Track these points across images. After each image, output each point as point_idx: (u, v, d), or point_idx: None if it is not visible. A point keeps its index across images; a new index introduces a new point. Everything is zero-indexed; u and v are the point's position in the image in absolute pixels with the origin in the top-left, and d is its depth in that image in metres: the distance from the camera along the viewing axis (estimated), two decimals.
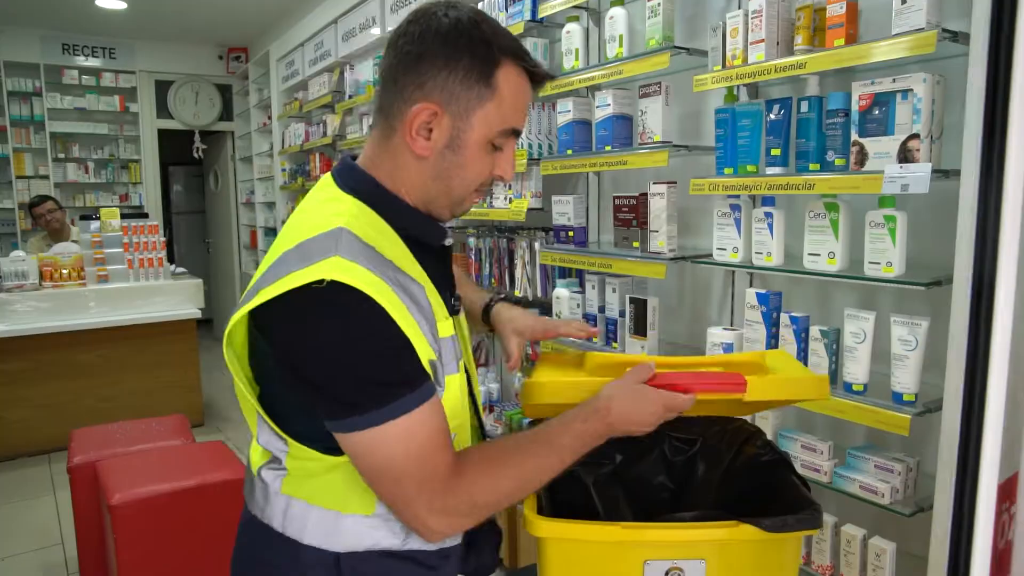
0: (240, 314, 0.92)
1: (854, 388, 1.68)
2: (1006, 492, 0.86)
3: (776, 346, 1.86)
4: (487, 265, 3.15)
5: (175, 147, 7.83)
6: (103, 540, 2.84)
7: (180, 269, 5.54)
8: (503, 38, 0.96)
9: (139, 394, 4.81)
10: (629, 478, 1.47)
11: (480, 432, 1.18)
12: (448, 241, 1.10)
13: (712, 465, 1.41)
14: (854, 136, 1.62)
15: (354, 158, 1.05)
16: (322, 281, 0.84)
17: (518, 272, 2.96)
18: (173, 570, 2.53)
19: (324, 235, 0.90)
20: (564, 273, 2.73)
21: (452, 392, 1.00)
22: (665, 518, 1.39)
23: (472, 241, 3.23)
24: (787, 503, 1.19)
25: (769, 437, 1.90)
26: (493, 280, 3.12)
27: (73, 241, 5.11)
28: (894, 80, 1.53)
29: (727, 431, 1.38)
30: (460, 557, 1.12)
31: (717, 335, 2.00)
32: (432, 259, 1.04)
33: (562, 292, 2.59)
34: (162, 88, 7.35)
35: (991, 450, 0.76)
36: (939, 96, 1.53)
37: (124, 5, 5.80)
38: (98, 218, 4.96)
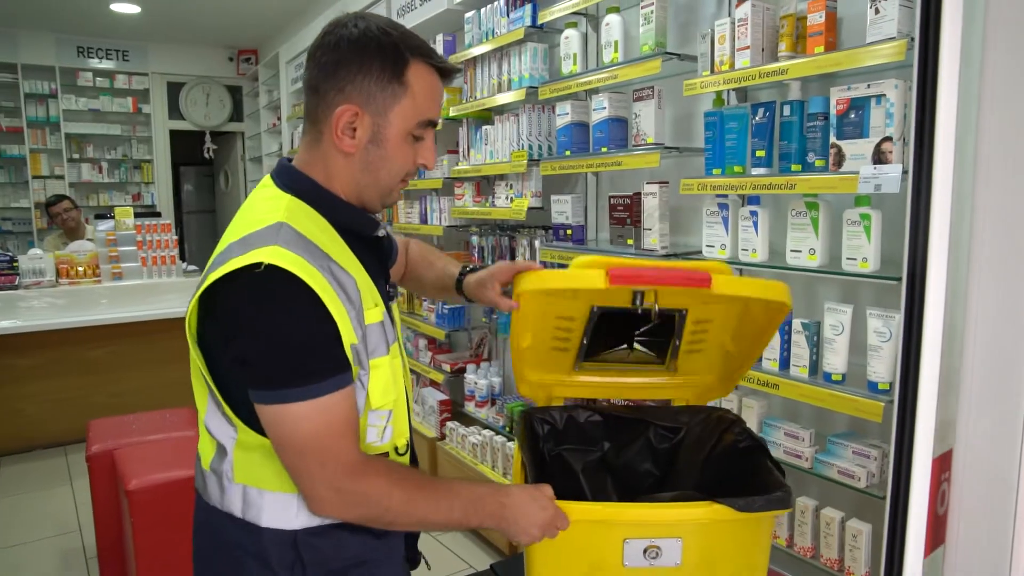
0: (193, 301, 1.01)
1: (833, 378, 1.77)
2: (942, 465, 0.95)
3: None
4: (490, 261, 3.25)
5: (186, 147, 7.97)
6: (120, 525, 2.95)
7: (192, 267, 5.66)
8: (410, 40, 1.05)
9: (150, 389, 4.91)
10: (616, 465, 1.55)
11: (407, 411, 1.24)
12: (381, 232, 1.18)
13: (694, 452, 1.48)
14: (832, 139, 1.71)
15: (290, 160, 1.13)
16: (260, 265, 0.93)
17: None
18: (187, 553, 2.63)
19: (266, 228, 0.99)
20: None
21: (382, 372, 1.08)
22: (643, 498, 1.45)
23: (475, 239, 3.33)
24: (762, 486, 1.26)
25: (755, 424, 2.00)
26: None
27: (88, 239, 5.23)
28: (868, 86, 1.63)
29: (709, 420, 1.47)
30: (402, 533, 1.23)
31: None
32: (366, 250, 1.13)
33: None
34: (174, 90, 7.49)
35: (924, 426, 0.85)
36: (910, 101, 1.62)
37: (138, 9, 5.93)
38: (112, 217, 5.09)
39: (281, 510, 1.07)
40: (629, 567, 1.23)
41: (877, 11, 1.59)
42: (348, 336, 0.99)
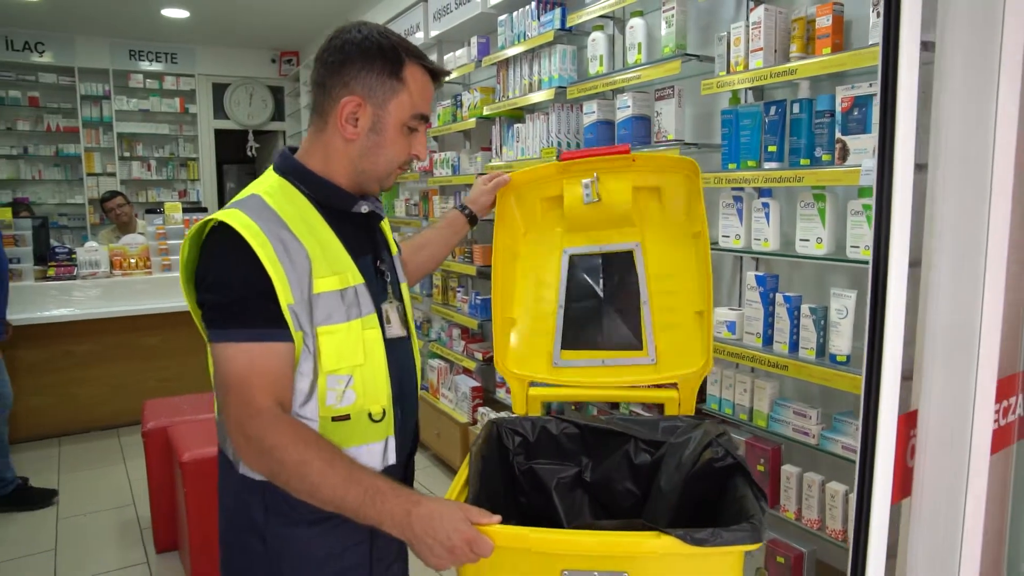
0: (181, 257, 1.20)
1: (838, 359, 1.89)
2: (908, 423, 1.08)
3: (772, 324, 2.07)
4: None
5: (229, 146, 8.27)
6: (173, 496, 3.16)
7: None
8: (406, 44, 1.21)
9: (197, 374, 5.16)
10: (593, 482, 1.49)
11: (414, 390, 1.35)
12: (363, 208, 1.27)
13: (675, 469, 1.41)
14: (838, 134, 1.83)
15: (292, 150, 1.27)
16: (214, 221, 1.11)
17: None
18: None
19: (243, 198, 1.17)
20: None
21: (336, 338, 1.16)
22: (583, 524, 1.37)
23: None
24: (735, 512, 1.17)
25: (766, 405, 2.11)
26: None
27: (139, 233, 5.51)
28: (871, 84, 1.74)
29: (691, 437, 1.41)
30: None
31: (722, 314, 2.22)
32: (350, 226, 1.25)
33: None
34: (219, 90, 7.77)
35: (889, 388, 0.98)
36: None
37: (187, 14, 6.21)
38: (162, 212, 5.36)
39: None
40: None
41: (879, 14, 1.70)
42: (284, 296, 1.10)
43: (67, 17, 6.33)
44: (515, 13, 3.25)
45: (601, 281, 1.64)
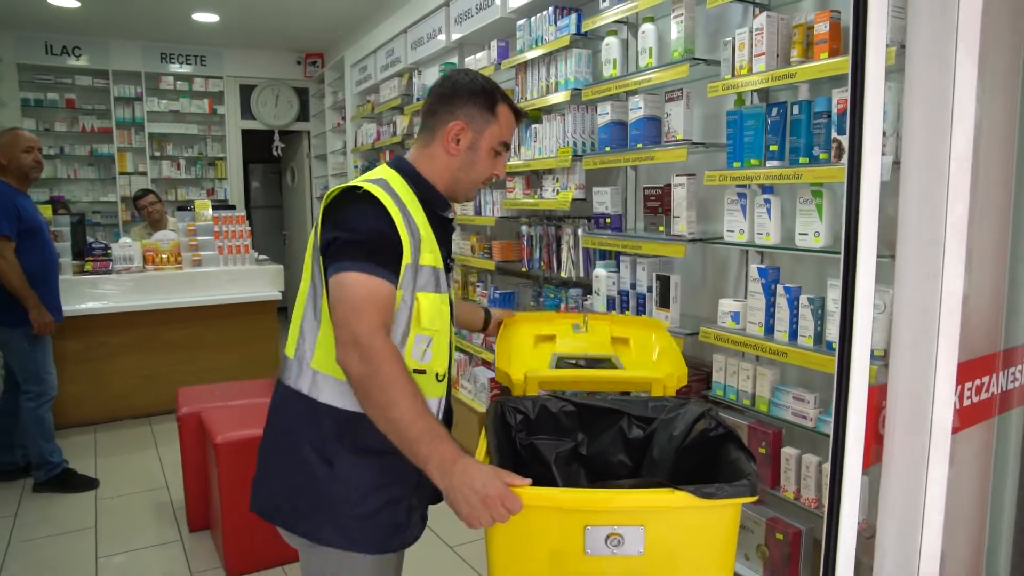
0: (318, 222, 1.42)
1: (833, 346, 1.99)
2: (880, 394, 1.20)
3: (773, 314, 2.19)
4: (537, 250, 3.53)
5: (254, 146, 8.47)
6: (206, 478, 3.33)
7: (263, 256, 6.09)
8: (500, 89, 1.57)
9: (225, 367, 5.34)
10: (589, 455, 1.60)
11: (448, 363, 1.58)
12: (450, 215, 1.60)
13: (668, 441, 1.53)
14: (834, 134, 1.94)
15: (401, 156, 1.59)
16: (360, 188, 1.39)
17: (564, 255, 3.33)
18: None
19: (371, 179, 1.45)
20: (604, 255, 3.09)
21: (430, 304, 1.44)
22: (604, 484, 1.44)
23: (524, 229, 3.62)
24: (730, 474, 1.28)
25: (767, 390, 2.23)
26: (543, 263, 3.50)
27: (171, 230, 5.71)
28: None
29: (682, 410, 1.54)
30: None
31: (727, 304, 2.34)
32: (437, 223, 1.54)
33: (600, 272, 2.96)
34: (246, 91, 7.97)
35: (859, 362, 1.10)
36: (901, 100, 1.84)
37: (217, 18, 6.41)
38: (192, 209, 5.55)
39: (337, 393, 1.43)
40: (591, 555, 1.22)
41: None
42: (406, 255, 1.39)
43: (103, 22, 6.56)
44: (533, 18, 3.39)
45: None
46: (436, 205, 1.55)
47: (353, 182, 1.43)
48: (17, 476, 4.00)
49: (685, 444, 1.50)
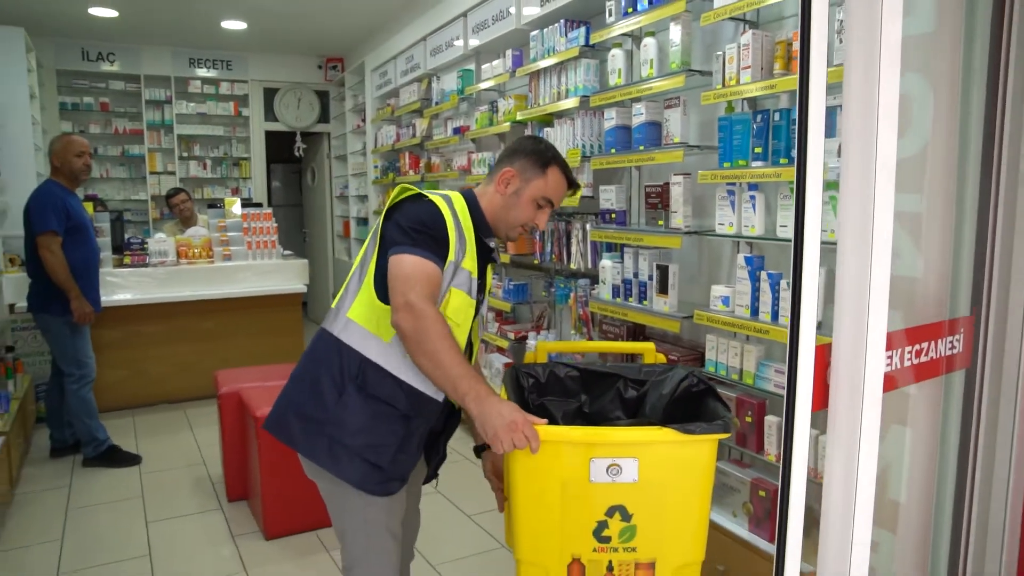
0: (392, 195, 1.76)
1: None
2: (824, 352, 1.47)
3: (758, 297, 2.46)
4: (549, 244, 3.82)
5: (277, 147, 8.80)
6: (245, 452, 3.63)
7: (287, 251, 6.40)
8: (559, 157, 1.84)
9: (253, 355, 5.65)
10: (592, 413, 1.88)
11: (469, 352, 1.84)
12: (492, 244, 1.87)
13: (658, 399, 1.80)
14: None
15: (471, 190, 1.89)
16: (426, 198, 1.73)
17: (573, 248, 3.61)
18: (302, 474, 3.28)
19: (442, 194, 1.79)
20: (610, 248, 3.37)
21: (458, 300, 1.72)
22: (605, 424, 1.73)
23: None
24: (709, 418, 1.56)
25: (752, 365, 2.50)
26: (554, 256, 3.78)
27: (200, 227, 6.03)
28: (835, 97, 2.13)
29: (669, 375, 1.83)
30: (429, 409, 1.75)
31: (718, 290, 2.62)
32: (481, 248, 1.82)
33: (606, 263, 3.24)
34: (269, 94, 8.31)
35: (807, 321, 1.38)
36: None
37: (244, 25, 6.73)
38: (222, 207, 5.88)
39: (361, 341, 1.73)
40: (594, 483, 1.50)
41: (840, 40, 2.09)
42: (451, 252, 1.71)
43: (137, 30, 6.91)
44: (546, 30, 3.67)
45: None
46: (482, 231, 1.83)
47: (421, 192, 1.76)
48: (67, 453, 4.34)
49: (673, 399, 1.78)
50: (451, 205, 1.75)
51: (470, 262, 1.75)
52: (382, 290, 1.71)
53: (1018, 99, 1.79)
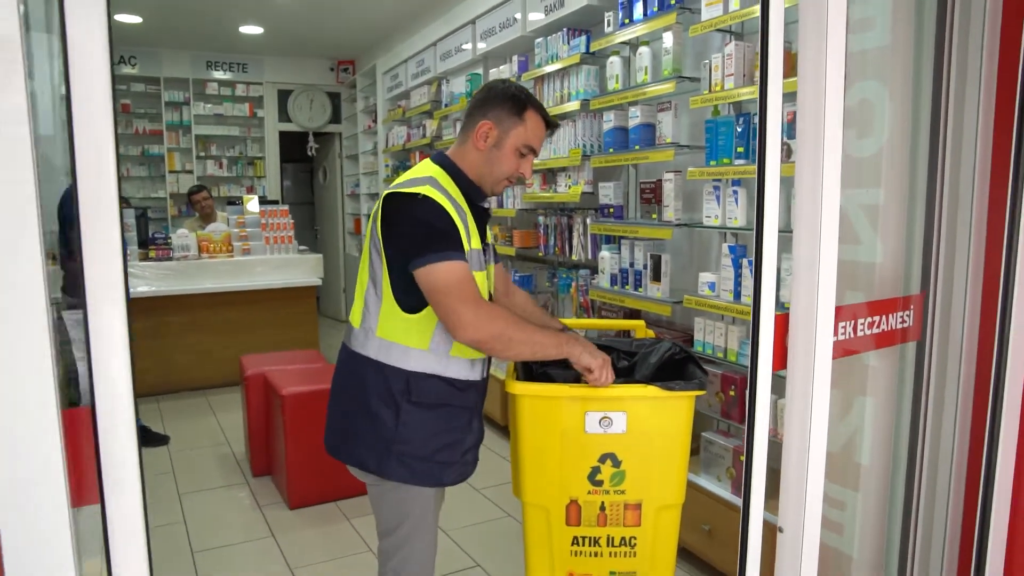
0: (373, 216, 1.69)
1: (785, 305, 2.52)
2: (783, 320, 1.73)
3: (740, 282, 2.72)
4: (552, 236, 4.08)
5: (289, 146, 9.08)
6: (269, 429, 3.91)
7: (302, 247, 6.68)
8: (533, 99, 1.76)
9: (271, 344, 5.90)
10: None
11: None
12: (485, 204, 1.81)
13: (646, 368, 2.03)
14: (784, 139, 2.47)
15: (442, 152, 1.82)
16: (419, 195, 1.62)
17: (575, 241, 3.88)
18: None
19: (421, 177, 1.69)
20: (608, 240, 3.63)
21: (479, 280, 1.67)
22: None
23: (541, 219, 4.17)
24: (688, 379, 1.82)
25: (735, 344, 2.76)
26: (556, 248, 4.05)
27: (220, 223, 6.31)
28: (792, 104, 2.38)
29: (657, 347, 2.08)
30: (478, 390, 1.82)
31: (705, 276, 2.88)
32: (475, 212, 1.77)
33: (605, 254, 3.50)
34: (283, 96, 8.59)
35: (767, 293, 1.64)
36: None
37: (261, 30, 7.02)
38: (241, 204, 6.16)
39: (401, 357, 1.71)
40: (589, 433, 1.74)
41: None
42: (464, 239, 1.65)
43: (158, 34, 7.20)
44: (549, 38, 3.94)
45: None
46: (473, 196, 1.77)
47: (409, 188, 1.64)
48: None
49: (660, 367, 2.05)
50: (440, 188, 1.66)
51: (475, 240, 1.72)
52: (404, 299, 1.68)
53: (959, 102, 2.05)
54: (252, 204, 6.20)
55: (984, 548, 1.99)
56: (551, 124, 1.82)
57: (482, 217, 1.83)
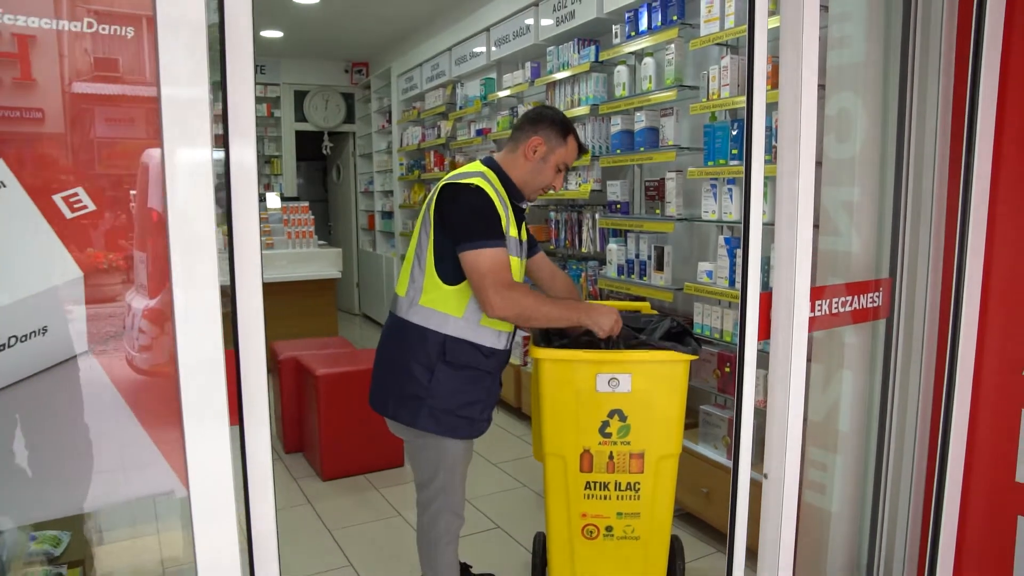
0: (429, 203, 2.00)
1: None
2: (767, 301, 2.05)
3: (735, 271, 3.04)
4: (563, 231, 4.40)
5: (304, 145, 9.40)
6: (302, 408, 4.22)
7: (321, 241, 7.00)
8: (572, 126, 2.12)
9: (294, 334, 6.19)
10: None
11: None
12: (524, 205, 2.14)
13: (651, 339, 2.33)
14: (773, 142, 2.79)
15: (491, 156, 2.15)
16: (472, 184, 1.95)
17: (584, 235, 4.19)
18: (355, 425, 3.87)
19: (474, 171, 2.03)
20: (615, 234, 3.95)
21: (515, 265, 1.99)
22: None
23: (552, 215, 4.49)
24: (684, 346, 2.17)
25: (731, 327, 3.08)
26: (567, 242, 4.37)
27: None
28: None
29: (658, 324, 2.38)
30: (500, 359, 2.11)
31: (703, 266, 3.20)
32: (515, 211, 2.09)
33: (612, 247, 3.82)
34: (299, 97, 8.91)
35: (752, 274, 1.95)
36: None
37: (281, 34, 7.34)
38: (264, 200, 6.48)
39: (441, 322, 2.01)
40: (600, 392, 2.05)
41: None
42: (505, 226, 1.97)
43: None
44: (560, 46, 4.25)
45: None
46: (515, 197, 2.08)
47: (463, 180, 1.97)
48: None
49: (663, 337, 2.37)
50: (490, 182, 1.95)
51: (513, 228, 2.03)
52: (445, 273, 1.97)
53: (921, 113, 2.36)
54: (272, 201, 6.52)
55: (942, 494, 2.32)
56: (583, 150, 2.18)
57: (519, 215, 2.15)
